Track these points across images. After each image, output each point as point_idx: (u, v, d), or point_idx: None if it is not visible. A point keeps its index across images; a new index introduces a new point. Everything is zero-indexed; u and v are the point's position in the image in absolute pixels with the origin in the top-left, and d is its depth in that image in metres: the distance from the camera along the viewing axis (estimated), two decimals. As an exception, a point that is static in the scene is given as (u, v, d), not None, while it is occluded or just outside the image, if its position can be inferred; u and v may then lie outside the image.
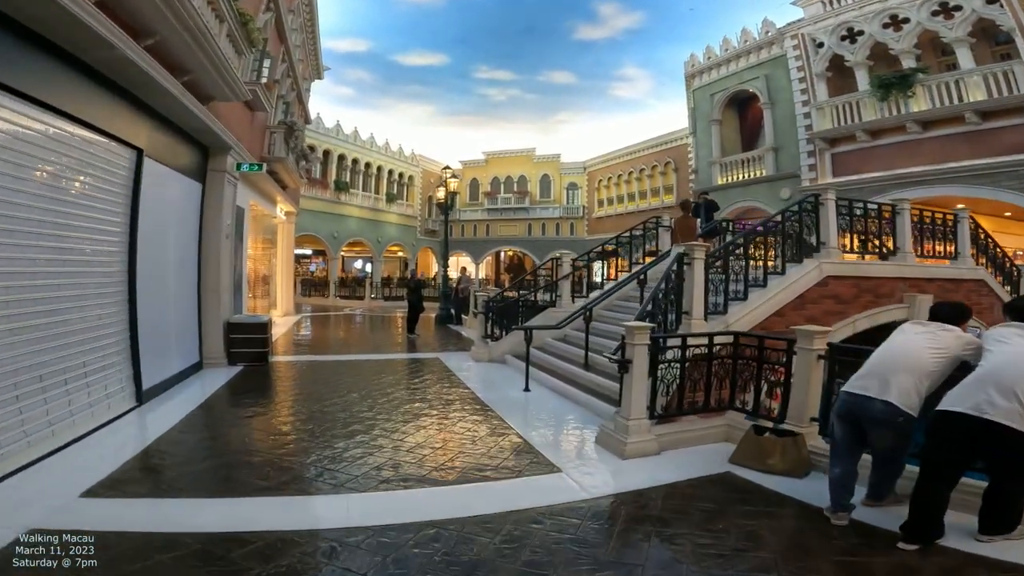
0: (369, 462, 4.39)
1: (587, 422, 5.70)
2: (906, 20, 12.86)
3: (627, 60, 55.57)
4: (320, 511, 3.60)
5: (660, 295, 5.62)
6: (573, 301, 9.59)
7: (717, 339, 5.15)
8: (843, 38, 14.11)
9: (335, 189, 29.25)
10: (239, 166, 8.79)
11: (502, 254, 40.87)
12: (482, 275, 38.53)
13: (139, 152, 5.85)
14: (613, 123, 55.18)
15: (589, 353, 7.39)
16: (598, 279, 10.99)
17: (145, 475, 4.14)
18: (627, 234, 10.27)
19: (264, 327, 8.50)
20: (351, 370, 8.43)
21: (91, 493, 3.63)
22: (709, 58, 18.14)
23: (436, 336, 13.57)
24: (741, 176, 16.80)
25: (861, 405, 3.25)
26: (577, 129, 55.97)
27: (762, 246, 6.49)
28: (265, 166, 9.46)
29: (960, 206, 10.68)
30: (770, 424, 4.65)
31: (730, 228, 10.24)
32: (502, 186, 37.66)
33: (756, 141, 17.69)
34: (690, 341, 5.05)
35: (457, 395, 6.96)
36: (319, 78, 21.00)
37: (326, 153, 29.16)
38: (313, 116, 28.75)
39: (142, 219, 5.84)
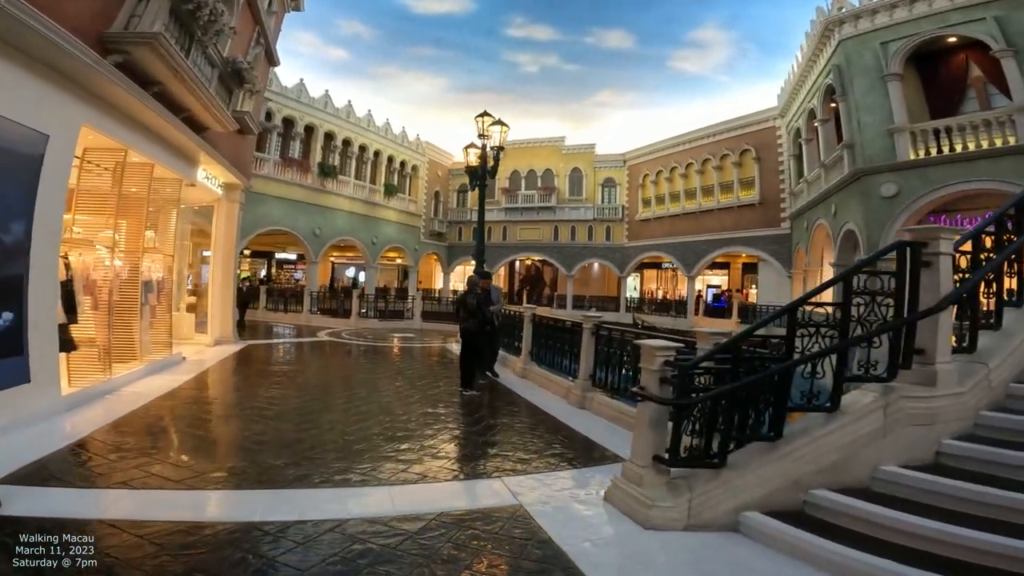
0: None
1: None
2: None
3: (709, 15, 42.25)
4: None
5: None
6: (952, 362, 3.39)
7: None
8: None
9: (319, 174, 23.00)
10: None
11: (517, 263, 34.55)
12: (495, 287, 32.23)
13: None
14: (666, 109, 42.34)
15: None
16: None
17: None
18: None
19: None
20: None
21: None
22: (880, -4, 12.47)
23: (463, 405, 6.82)
24: (959, 147, 11.13)
25: None
26: (620, 115, 44.77)
27: None
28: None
29: None
30: None
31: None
32: (523, 181, 31.44)
33: (958, 106, 12.13)
34: None
35: None
36: (297, 8, 14.86)
37: (308, 129, 22.97)
38: (294, 81, 22.68)
39: None
